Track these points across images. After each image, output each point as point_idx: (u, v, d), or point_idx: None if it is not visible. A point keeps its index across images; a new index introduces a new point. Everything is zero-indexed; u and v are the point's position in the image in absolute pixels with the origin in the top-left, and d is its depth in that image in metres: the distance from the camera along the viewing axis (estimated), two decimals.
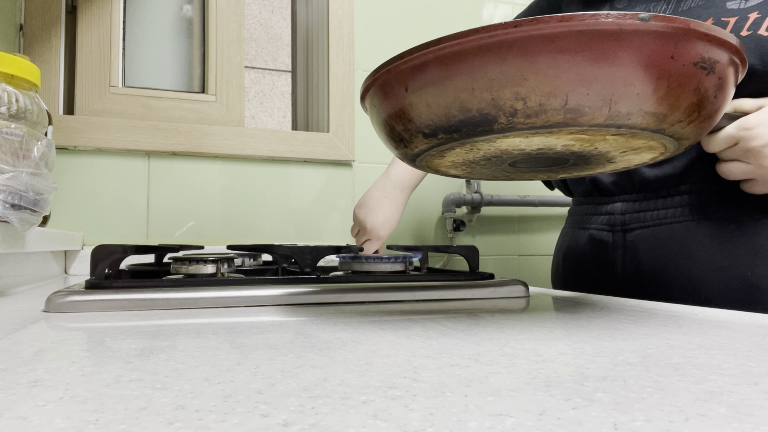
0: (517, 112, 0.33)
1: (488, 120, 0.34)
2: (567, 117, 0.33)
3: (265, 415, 0.17)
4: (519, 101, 0.32)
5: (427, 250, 0.65)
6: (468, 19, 1.28)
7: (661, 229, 0.68)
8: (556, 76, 0.31)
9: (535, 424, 0.16)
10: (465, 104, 0.33)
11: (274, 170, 1.11)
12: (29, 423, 0.16)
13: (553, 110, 0.32)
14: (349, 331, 0.33)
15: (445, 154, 0.42)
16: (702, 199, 0.65)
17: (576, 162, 0.44)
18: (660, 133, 0.35)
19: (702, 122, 0.35)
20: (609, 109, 0.32)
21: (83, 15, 1.05)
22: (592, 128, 0.34)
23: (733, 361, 0.25)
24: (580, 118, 0.33)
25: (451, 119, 0.35)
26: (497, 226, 1.29)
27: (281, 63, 1.22)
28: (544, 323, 0.37)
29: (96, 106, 1.04)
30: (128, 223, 1.01)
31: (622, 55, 0.30)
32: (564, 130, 0.34)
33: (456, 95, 0.33)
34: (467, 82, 0.33)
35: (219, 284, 0.48)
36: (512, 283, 0.55)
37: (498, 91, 0.32)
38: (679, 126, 0.34)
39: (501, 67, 0.32)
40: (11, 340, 0.30)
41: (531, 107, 0.32)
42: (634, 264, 0.70)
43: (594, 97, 0.31)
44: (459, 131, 0.36)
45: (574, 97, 0.32)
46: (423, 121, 0.36)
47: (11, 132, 0.55)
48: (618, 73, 0.31)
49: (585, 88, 0.31)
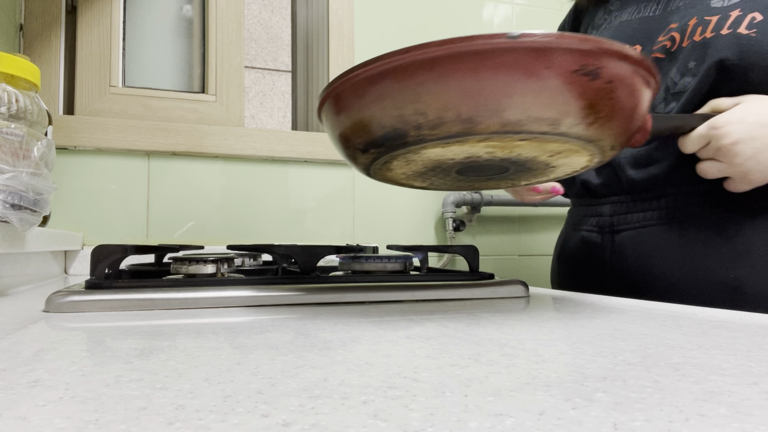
0: (421, 126, 0.37)
1: (401, 134, 0.39)
2: (465, 127, 0.36)
3: (265, 415, 0.17)
4: (420, 116, 0.37)
5: (427, 250, 0.65)
6: (468, 19, 1.28)
7: (646, 231, 0.69)
8: (445, 92, 0.35)
9: (535, 424, 0.16)
10: (381, 121, 0.38)
11: (274, 170, 1.11)
12: (29, 423, 0.16)
13: (451, 122, 0.36)
14: (349, 331, 0.33)
15: (389, 167, 0.47)
16: (686, 201, 0.65)
17: (518, 170, 0.47)
18: (565, 136, 0.38)
19: (607, 123, 0.38)
20: (500, 118, 0.35)
21: (83, 15, 1.05)
22: (494, 135, 0.37)
23: (733, 361, 0.25)
24: (476, 127, 0.36)
25: (374, 135, 0.40)
26: (497, 226, 1.29)
27: (281, 63, 1.22)
28: (544, 323, 0.37)
29: (96, 106, 1.04)
30: (128, 223, 1.01)
31: (497, 70, 0.34)
32: (470, 139, 0.38)
33: (373, 114, 0.39)
34: (379, 103, 0.38)
35: (219, 284, 0.48)
36: (512, 283, 0.55)
37: (402, 109, 0.37)
38: (580, 128, 0.37)
39: (401, 88, 0.36)
40: (11, 340, 0.30)
41: (431, 121, 0.37)
42: (622, 265, 0.71)
43: (482, 108, 0.35)
44: (383, 145, 0.41)
45: (465, 109, 0.35)
46: (357, 138, 0.42)
47: (11, 132, 0.55)
48: (498, 86, 0.34)
49: (473, 101, 0.35)
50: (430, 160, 0.44)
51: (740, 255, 0.60)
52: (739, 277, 0.59)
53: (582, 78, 0.34)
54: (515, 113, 0.35)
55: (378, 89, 0.37)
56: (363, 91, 0.38)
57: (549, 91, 0.35)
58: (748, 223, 0.60)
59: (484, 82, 0.34)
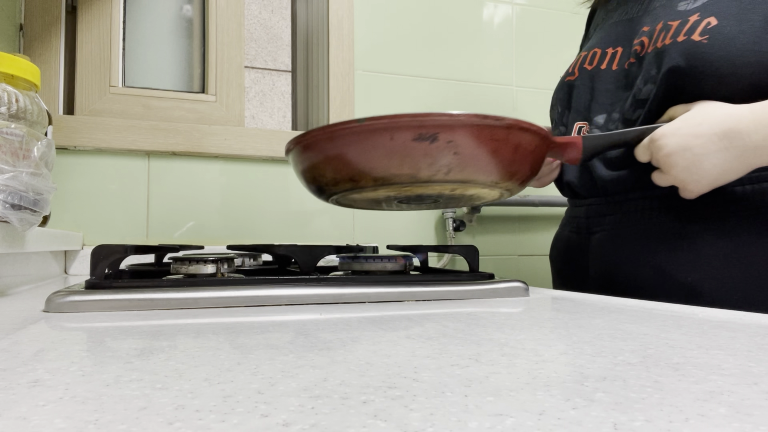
0: (350, 179, 0.50)
1: (339, 182, 0.51)
2: (376, 181, 0.49)
3: (265, 415, 0.17)
4: (344, 173, 0.49)
5: (427, 250, 0.65)
6: (468, 19, 1.28)
7: (616, 233, 0.70)
8: (340, 160, 0.49)
9: (535, 424, 0.16)
10: (321, 174, 0.51)
11: (274, 170, 1.11)
12: (29, 423, 0.16)
13: (364, 179, 0.49)
14: (349, 331, 0.33)
15: (341, 200, 0.58)
16: (651, 205, 0.66)
17: (446, 200, 0.56)
18: (440, 182, 0.49)
19: (466, 169, 0.48)
20: (382, 173, 0.48)
21: (83, 15, 1.05)
22: (389, 186, 0.50)
23: (733, 361, 0.25)
24: (361, 182, 0.49)
25: (318, 183, 0.53)
26: (497, 226, 1.29)
27: (281, 63, 1.22)
28: (544, 323, 0.37)
29: (96, 106, 1.04)
30: (128, 223, 1.01)
31: (360, 143, 0.47)
32: (382, 188, 0.50)
33: (314, 169, 0.52)
34: (319, 162, 0.51)
35: (219, 284, 0.48)
36: (512, 283, 0.55)
37: (331, 167, 0.50)
38: (444, 175, 0.48)
39: (315, 156, 0.50)
40: (11, 340, 0.30)
41: (352, 175, 0.49)
42: (597, 266, 0.73)
43: (366, 169, 0.48)
44: (326, 191, 0.54)
45: (353, 171, 0.49)
46: (309, 184, 0.55)
47: (11, 132, 0.55)
48: (367, 154, 0.47)
49: (357, 165, 0.48)
50: (372, 198, 0.55)
51: (698, 259, 0.61)
52: (698, 281, 0.60)
53: (423, 143, 0.45)
54: (386, 170, 0.47)
55: (313, 153, 0.51)
56: (307, 154, 0.51)
57: (399, 154, 0.46)
58: (705, 227, 0.61)
59: (359, 152, 0.47)
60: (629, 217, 0.68)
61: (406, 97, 1.22)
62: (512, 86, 1.31)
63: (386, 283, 0.51)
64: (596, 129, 0.71)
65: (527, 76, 1.32)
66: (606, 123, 0.70)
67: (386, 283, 0.51)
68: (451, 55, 1.26)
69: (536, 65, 1.33)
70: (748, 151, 0.55)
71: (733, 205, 0.59)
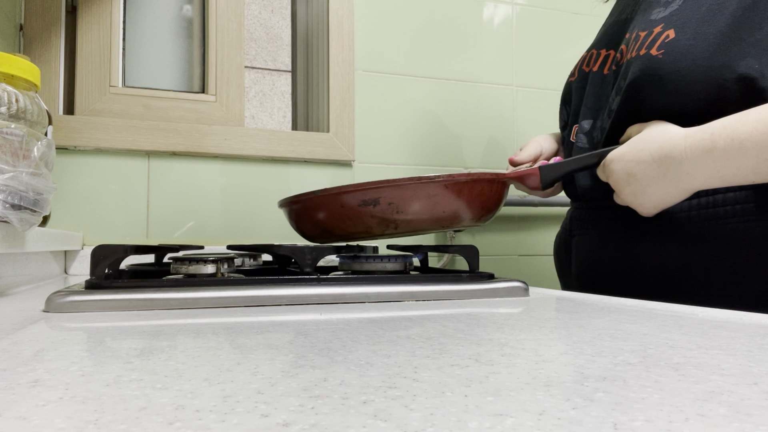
0: (324, 234, 0.60)
1: (318, 236, 0.62)
2: (343, 236, 0.59)
3: (265, 415, 0.17)
4: (318, 229, 0.60)
5: (427, 250, 0.65)
6: (468, 19, 1.28)
7: (589, 237, 0.72)
8: (312, 221, 0.59)
9: (535, 424, 0.16)
10: (304, 231, 0.62)
11: (274, 170, 1.11)
12: (29, 423, 0.16)
13: (334, 234, 0.59)
14: (349, 331, 0.33)
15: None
16: (618, 214, 0.67)
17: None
18: (395, 234, 0.58)
19: (414, 221, 0.56)
20: (343, 231, 0.58)
21: (83, 15, 1.05)
22: (359, 238, 0.60)
23: (733, 361, 0.25)
24: (333, 236, 0.60)
25: (306, 236, 0.63)
26: (497, 226, 1.29)
27: (281, 63, 1.22)
28: (544, 323, 0.37)
29: (96, 106, 1.04)
30: (128, 223, 1.01)
31: (324, 210, 0.57)
32: (352, 239, 0.60)
33: (299, 227, 0.62)
34: (300, 221, 0.61)
35: (219, 284, 0.48)
36: (512, 283, 0.55)
37: (308, 226, 0.61)
38: (392, 230, 0.56)
39: (300, 217, 0.61)
40: (11, 340, 0.30)
41: (323, 232, 0.60)
42: (578, 267, 0.74)
43: (331, 227, 0.58)
44: (315, 240, 0.63)
45: (324, 229, 0.59)
46: (301, 235, 0.64)
47: (11, 132, 0.55)
48: (329, 218, 0.57)
49: (325, 224, 0.58)
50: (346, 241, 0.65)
51: (660, 270, 0.61)
52: (664, 293, 0.60)
53: (367, 206, 0.54)
54: (346, 230, 0.57)
55: (290, 215, 0.62)
56: (287, 215, 0.63)
57: (351, 217, 0.55)
58: (668, 239, 0.61)
59: (322, 216, 0.57)
60: (601, 224, 0.69)
61: (406, 97, 1.22)
62: (512, 86, 1.31)
63: (386, 283, 0.51)
64: (582, 135, 0.71)
65: (527, 76, 1.32)
66: (591, 130, 0.71)
67: (386, 283, 0.51)
68: (452, 55, 1.26)
69: (536, 65, 1.33)
70: (683, 177, 0.55)
71: (704, 210, 0.59)
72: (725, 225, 0.57)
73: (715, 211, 0.58)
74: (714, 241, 0.58)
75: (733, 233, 0.56)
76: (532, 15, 1.34)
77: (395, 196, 0.53)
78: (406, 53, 1.23)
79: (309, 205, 0.58)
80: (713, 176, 0.53)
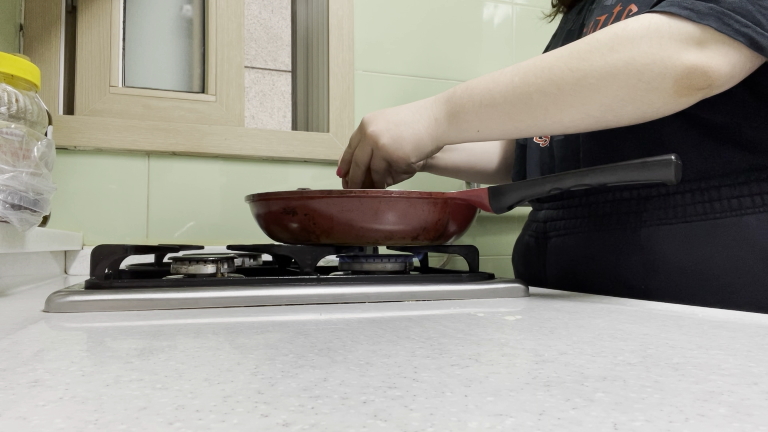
0: (267, 231, 0.63)
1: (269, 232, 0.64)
2: (281, 238, 0.61)
3: (265, 415, 0.17)
4: (263, 226, 0.63)
5: (427, 250, 0.65)
6: (468, 18, 1.28)
7: (569, 238, 0.69)
8: (259, 218, 0.63)
9: (535, 424, 0.16)
10: (262, 224, 0.64)
11: (274, 170, 1.11)
12: (29, 423, 0.16)
13: (272, 235, 0.62)
14: (349, 331, 0.33)
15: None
16: (605, 210, 0.65)
17: None
18: (328, 245, 0.58)
19: (339, 231, 0.56)
20: (279, 234, 0.61)
21: (83, 15, 1.05)
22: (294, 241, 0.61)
23: (733, 361, 0.25)
24: (278, 237, 0.62)
25: (267, 231, 0.63)
26: (497, 226, 1.29)
27: (281, 63, 1.22)
28: (544, 323, 0.37)
29: (96, 106, 1.04)
30: (128, 223, 1.01)
31: (263, 212, 0.60)
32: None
33: (261, 221, 0.63)
34: (258, 217, 0.63)
35: (219, 284, 0.48)
36: (512, 283, 0.55)
37: (261, 222, 0.63)
38: (314, 239, 0.57)
39: (255, 213, 0.64)
40: (11, 340, 0.30)
41: (267, 231, 0.63)
42: (554, 271, 0.72)
43: (270, 229, 0.62)
44: (271, 236, 0.64)
45: (265, 228, 0.63)
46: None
47: (11, 132, 0.55)
48: (268, 221, 0.60)
49: (266, 225, 0.62)
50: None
51: (650, 266, 0.60)
52: (650, 289, 0.59)
53: (288, 215, 0.56)
54: (281, 234, 0.60)
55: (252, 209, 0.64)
56: (266, 209, 0.63)
57: (281, 222, 0.58)
58: (658, 232, 0.60)
59: (262, 217, 0.61)
60: (583, 222, 0.68)
61: (406, 97, 1.22)
62: None
63: (386, 283, 0.51)
64: (554, 141, 0.70)
65: None
66: (563, 137, 0.69)
67: (386, 283, 0.51)
68: (452, 55, 1.26)
69: None
70: (432, 122, 0.60)
71: (680, 209, 0.59)
72: (722, 220, 0.57)
73: (711, 205, 0.57)
74: (712, 237, 0.57)
75: (729, 228, 0.56)
76: (532, 15, 1.34)
77: (308, 207, 0.55)
78: (406, 53, 1.23)
79: (256, 204, 0.61)
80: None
